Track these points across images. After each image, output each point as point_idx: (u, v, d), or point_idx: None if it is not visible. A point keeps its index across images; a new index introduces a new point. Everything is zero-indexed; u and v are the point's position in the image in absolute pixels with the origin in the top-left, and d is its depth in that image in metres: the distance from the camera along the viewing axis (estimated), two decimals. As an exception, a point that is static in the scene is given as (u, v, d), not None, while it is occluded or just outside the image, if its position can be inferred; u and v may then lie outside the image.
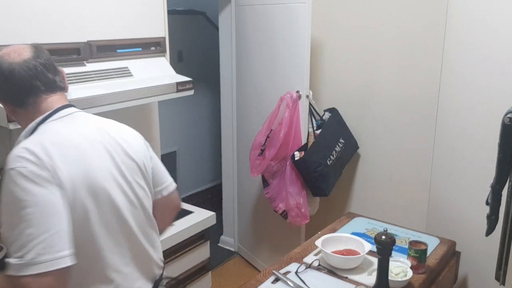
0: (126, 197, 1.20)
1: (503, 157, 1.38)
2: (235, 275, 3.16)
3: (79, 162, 1.11)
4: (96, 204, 1.12)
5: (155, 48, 2.07)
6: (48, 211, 1.02)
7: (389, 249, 1.50)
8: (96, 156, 1.15)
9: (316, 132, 2.62)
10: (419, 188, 2.55)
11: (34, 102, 1.17)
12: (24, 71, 1.14)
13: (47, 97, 1.18)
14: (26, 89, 1.16)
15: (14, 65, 1.13)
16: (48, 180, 1.04)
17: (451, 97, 2.26)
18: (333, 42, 2.77)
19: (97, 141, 1.18)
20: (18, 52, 1.16)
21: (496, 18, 1.90)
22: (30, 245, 0.99)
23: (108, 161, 1.17)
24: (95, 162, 1.14)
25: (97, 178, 1.13)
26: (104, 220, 1.14)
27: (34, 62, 1.16)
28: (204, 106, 4.43)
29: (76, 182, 1.08)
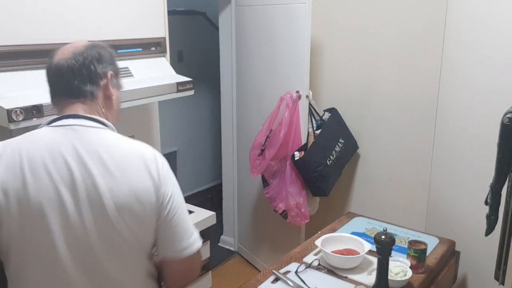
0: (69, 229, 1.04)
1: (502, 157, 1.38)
2: (235, 275, 3.17)
3: (22, 174, 1.03)
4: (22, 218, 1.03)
5: (156, 48, 2.07)
6: None
7: (389, 249, 1.50)
8: (44, 176, 1.04)
9: (316, 132, 2.62)
10: (419, 188, 2.55)
11: (57, 104, 1.17)
12: (53, 71, 1.15)
13: (68, 103, 1.14)
14: (52, 89, 1.17)
15: (50, 63, 1.15)
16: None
17: (451, 97, 2.26)
18: (333, 42, 2.78)
19: (62, 163, 1.05)
20: (67, 50, 1.15)
21: (496, 18, 1.91)
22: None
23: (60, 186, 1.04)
24: (37, 181, 1.03)
25: (32, 196, 1.02)
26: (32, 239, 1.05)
27: (64, 63, 1.12)
28: (204, 106, 4.43)
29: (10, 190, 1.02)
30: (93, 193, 1.05)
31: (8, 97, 1.49)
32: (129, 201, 1.07)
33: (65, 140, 1.07)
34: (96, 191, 1.05)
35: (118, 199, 1.06)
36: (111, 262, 1.09)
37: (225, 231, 3.58)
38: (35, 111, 1.47)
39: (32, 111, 1.47)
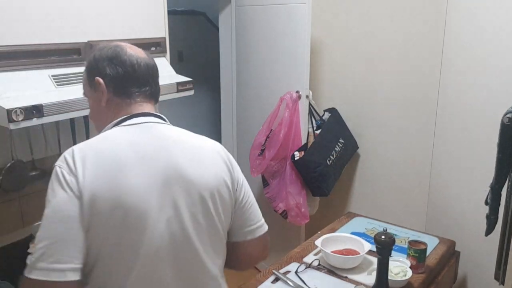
0: (169, 229, 1.05)
1: (502, 157, 1.38)
2: (235, 275, 3.15)
3: (113, 178, 1.00)
4: (123, 224, 1.00)
5: (156, 48, 2.07)
6: (59, 217, 0.97)
7: (389, 249, 1.50)
8: (138, 176, 1.02)
9: (316, 132, 2.62)
10: (419, 187, 2.55)
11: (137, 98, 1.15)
12: (147, 66, 1.16)
13: (145, 101, 1.17)
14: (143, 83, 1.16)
15: (140, 59, 1.15)
16: (71, 186, 0.98)
17: (451, 97, 2.26)
18: (333, 42, 2.78)
19: (150, 160, 1.05)
20: (138, 49, 1.18)
21: (496, 18, 1.91)
22: (36, 247, 0.96)
23: (153, 185, 1.03)
24: (133, 182, 1.01)
25: (129, 198, 1.00)
26: (132, 243, 1.02)
27: (154, 63, 1.19)
28: (204, 106, 4.43)
29: (100, 196, 0.98)
30: (186, 184, 1.07)
31: (8, 97, 1.49)
32: (217, 188, 1.12)
33: (145, 137, 1.09)
34: (188, 182, 1.08)
35: (208, 187, 1.10)
36: (205, 254, 1.12)
37: (225, 231, 3.57)
38: (35, 111, 1.47)
39: (32, 111, 1.47)
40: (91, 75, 1.15)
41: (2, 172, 1.80)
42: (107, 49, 1.15)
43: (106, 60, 1.13)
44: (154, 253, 1.03)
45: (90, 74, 1.16)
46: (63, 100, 1.56)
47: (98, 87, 1.14)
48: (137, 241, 1.02)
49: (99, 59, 1.14)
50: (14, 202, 1.91)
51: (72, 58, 1.75)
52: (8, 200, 1.89)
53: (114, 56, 1.13)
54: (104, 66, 1.13)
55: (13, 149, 1.84)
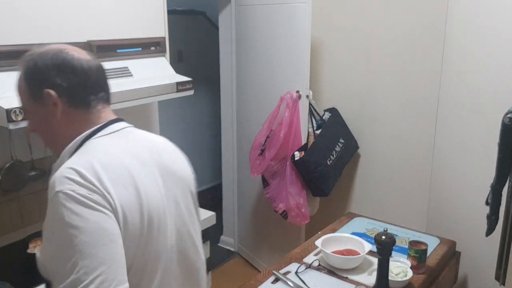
0: (174, 222, 1.09)
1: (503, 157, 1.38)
2: (235, 275, 3.17)
3: (131, 186, 0.99)
4: (149, 231, 1.01)
5: (155, 48, 2.07)
6: (104, 239, 0.90)
7: (389, 249, 1.50)
8: (147, 180, 1.03)
9: (316, 132, 2.62)
10: (419, 188, 2.55)
11: (97, 106, 1.06)
12: (98, 70, 1.07)
13: (104, 106, 1.08)
14: (99, 89, 1.07)
15: (90, 62, 1.05)
16: (101, 204, 0.92)
17: (451, 97, 2.26)
18: (333, 42, 2.78)
19: (149, 163, 1.06)
20: (79, 50, 1.07)
21: (496, 18, 1.90)
22: (87, 279, 0.87)
23: (159, 186, 1.06)
24: (145, 186, 1.02)
25: (149, 204, 1.01)
26: (155, 246, 1.03)
27: (100, 63, 1.09)
28: (204, 106, 4.43)
29: (127, 207, 0.96)
30: (178, 181, 1.12)
31: (7, 97, 1.48)
32: (193, 182, 1.19)
33: (134, 143, 1.09)
34: (179, 179, 1.12)
35: (191, 182, 1.17)
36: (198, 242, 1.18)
37: (225, 231, 3.58)
38: (35, 111, 1.47)
39: (31, 111, 1.47)
40: (37, 86, 1.02)
41: (1, 172, 1.80)
42: (51, 55, 1.02)
43: (53, 69, 1.01)
44: (170, 250, 1.08)
45: (34, 85, 1.02)
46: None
47: (47, 100, 1.01)
48: (159, 243, 1.04)
49: (44, 67, 1.01)
50: (13, 202, 1.91)
51: (71, 58, 1.74)
52: (8, 200, 1.89)
53: (61, 63, 1.01)
54: (53, 76, 1.00)
55: (12, 149, 1.84)
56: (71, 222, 0.89)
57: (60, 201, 0.90)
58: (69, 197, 0.90)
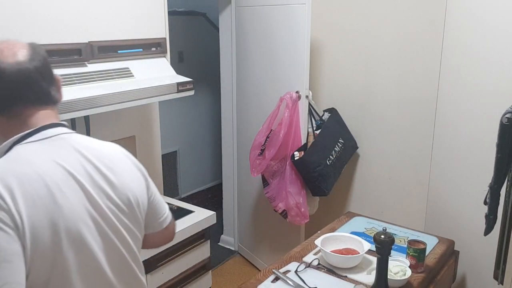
0: (103, 239, 1.04)
1: (501, 157, 1.39)
2: (235, 274, 3.17)
3: (46, 203, 0.94)
4: (66, 250, 0.96)
5: (156, 49, 2.08)
6: (2, 257, 0.87)
7: (388, 248, 1.51)
8: (69, 193, 0.98)
9: (315, 132, 2.63)
10: (418, 187, 2.56)
11: (19, 114, 1.00)
12: (15, 75, 0.97)
13: (36, 111, 1.02)
14: (13, 97, 0.99)
15: (4, 65, 0.97)
16: (4, 223, 0.88)
17: (450, 97, 2.27)
18: (333, 42, 2.78)
19: (75, 172, 1.00)
20: (12, 51, 0.99)
21: (495, 18, 1.91)
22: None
23: (82, 198, 1.00)
24: (66, 202, 0.96)
25: (66, 221, 0.96)
26: (76, 265, 0.98)
27: (29, 66, 0.99)
28: (204, 106, 4.44)
29: (39, 227, 0.92)
30: (109, 198, 1.04)
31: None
32: (136, 196, 1.11)
33: (64, 151, 1.02)
34: (109, 195, 1.05)
35: (127, 198, 1.08)
36: (134, 262, 1.13)
37: (225, 230, 3.59)
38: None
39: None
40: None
41: None
42: None
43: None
44: (96, 266, 1.03)
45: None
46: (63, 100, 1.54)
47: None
48: (83, 258, 1.00)
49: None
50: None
51: (73, 59, 1.75)
52: None
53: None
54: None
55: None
56: None
57: None
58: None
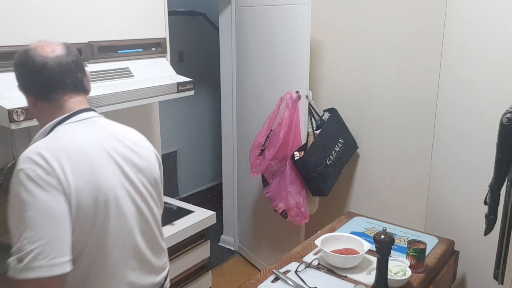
0: (135, 207, 1.21)
1: (501, 157, 1.39)
2: (235, 274, 3.18)
3: (89, 172, 1.10)
4: (105, 214, 1.12)
5: (156, 49, 2.08)
6: (49, 217, 1.02)
7: (388, 248, 1.51)
8: (107, 166, 1.15)
9: (315, 132, 2.63)
10: (418, 187, 2.56)
11: (59, 99, 1.18)
12: (57, 66, 1.16)
13: (72, 97, 1.20)
14: (56, 84, 1.17)
15: (48, 59, 1.15)
16: (54, 187, 1.04)
17: (450, 98, 2.27)
18: (333, 42, 2.78)
19: (111, 150, 1.18)
20: (51, 47, 1.17)
21: (495, 19, 1.91)
22: (28, 249, 0.99)
23: (118, 171, 1.17)
24: (105, 172, 1.14)
25: (106, 188, 1.12)
26: (111, 227, 1.14)
27: (67, 59, 1.18)
28: (204, 106, 4.44)
29: (83, 192, 1.08)
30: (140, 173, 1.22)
31: (9, 97, 1.49)
32: (158, 176, 1.29)
33: (98, 131, 1.20)
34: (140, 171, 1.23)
35: (153, 176, 1.27)
36: (158, 231, 1.30)
37: (225, 230, 3.59)
38: (36, 111, 1.48)
39: (33, 111, 1.48)
40: (17, 83, 1.21)
41: (3, 172, 1.81)
42: (18, 55, 1.18)
43: (17, 68, 1.18)
44: (129, 232, 1.19)
45: (16, 81, 1.21)
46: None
47: (23, 94, 1.21)
48: (117, 224, 1.15)
49: (14, 68, 1.20)
50: (15, 201, 1.92)
51: (73, 59, 1.75)
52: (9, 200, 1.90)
53: (21, 63, 1.17)
54: (18, 75, 1.19)
55: (14, 149, 1.85)
56: (24, 199, 1.02)
57: (19, 179, 1.04)
58: (27, 177, 1.03)
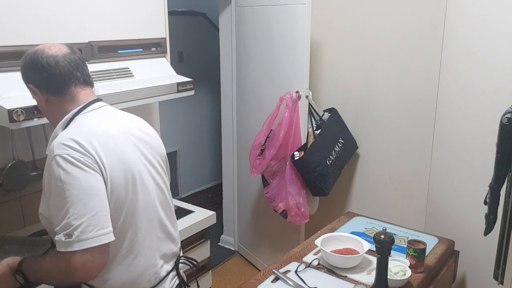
0: (154, 181, 1.34)
1: (501, 157, 1.39)
2: (235, 274, 3.18)
3: (116, 151, 1.23)
4: (133, 188, 1.26)
5: (156, 49, 2.08)
6: (90, 193, 1.14)
7: (388, 248, 1.51)
8: (127, 145, 1.28)
9: (315, 132, 2.63)
10: (418, 187, 2.56)
11: (71, 93, 1.28)
12: (68, 62, 1.26)
13: (82, 90, 1.30)
14: (68, 78, 1.27)
15: (58, 57, 1.25)
16: (90, 166, 1.16)
17: (450, 98, 2.27)
18: (333, 43, 2.79)
19: (126, 132, 1.31)
20: (57, 47, 1.28)
21: (494, 19, 1.91)
22: (75, 224, 1.12)
23: (136, 150, 1.30)
24: (127, 151, 1.27)
25: (131, 165, 1.26)
26: (140, 200, 1.28)
27: (74, 56, 1.29)
28: (204, 106, 4.44)
29: (114, 169, 1.21)
30: (150, 147, 1.36)
31: (9, 97, 1.49)
32: (163, 153, 1.43)
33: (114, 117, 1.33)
34: (151, 145, 1.37)
35: (163, 155, 1.43)
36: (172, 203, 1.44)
37: (225, 230, 3.59)
38: (36, 111, 1.48)
39: (33, 111, 1.48)
40: (25, 82, 1.30)
41: (3, 172, 1.81)
42: (28, 56, 1.27)
43: (29, 68, 1.26)
44: (152, 204, 1.33)
45: (24, 81, 1.30)
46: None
47: (34, 92, 1.29)
48: (144, 197, 1.29)
49: (24, 68, 1.28)
50: (15, 202, 1.92)
51: (73, 59, 1.75)
52: (9, 200, 1.90)
53: (34, 62, 1.25)
54: (30, 74, 1.27)
55: (14, 149, 1.85)
56: (65, 180, 1.13)
57: (57, 163, 1.14)
58: (65, 160, 1.14)
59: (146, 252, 1.31)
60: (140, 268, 1.29)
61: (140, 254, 1.29)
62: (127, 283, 1.27)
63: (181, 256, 1.49)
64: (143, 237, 1.30)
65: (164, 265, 1.38)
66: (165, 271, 1.38)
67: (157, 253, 1.35)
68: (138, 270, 1.29)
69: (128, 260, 1.27)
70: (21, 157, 1.87)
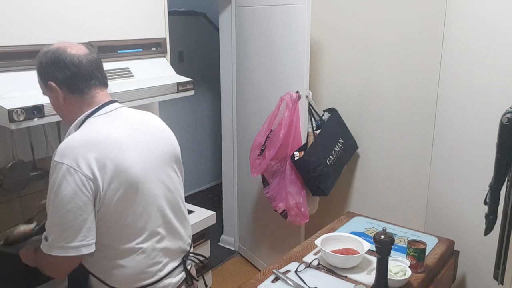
0: (162, 182, 1.36)
1: (501, 157, 1.39)
2: (235, 274, 3.18)
3: (117, 160, 1.24)
4: (135, 194, 1.28)
5: (156, 49, 2.08)
6: (70, 207, 1.18)
7: (388, 248, 1.51)
8: (132, 152, 1.28)
9: (315, 132, 2.63)
10: (418, 187, 2.56)
11: (91, 92, 1.31)
12: (90, 62, 1.30)
13: (100, 91, 1.33)
14: (90, 78, 1.30)
15: (81, 57, 1.28)
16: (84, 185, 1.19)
17: (450, 98, 2.27)
18: (333, 42, 2.79)
19: (135, 138, 1.32)
20: (78, 46, 1.31)
21: (494, 19, 1.91)
22: (51, 230, 1.20)
23: (142, 156, 1.31)
24: (131, 159, 1.27)
25: (134, 173, 1.27)
26: (144, 204, 1.30)
27: (94, 56, 1.33)
28: (204, 106, 4.44)
29: (110, 186, 1.23)
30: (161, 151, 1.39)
31: (9, 97, 1.49)
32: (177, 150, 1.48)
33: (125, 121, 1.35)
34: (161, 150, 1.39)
35: (177, 153, 1.48)
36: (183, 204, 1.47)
37: (225, 230, 3.59)
38: (36, 111, 1.48)
39: (33, 111, 1.48)
40: (44, 79, 1.31)
41: (3, 172, 1.81)
42: (50, 53, 1.28)
43: (52, 65, 1.27)
44: (158, 208, 1.35)
45: (43, 78, 1.31)
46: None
47: (53, 89, 1.30)
48: (148, 200, 1.31)
49: (46, 64, 1.29)
50: (15, 202, 1.92)
51: (73, 59, 1.75)
52: (9, 200, 1.90)
53: (57, 60, 1.27)
54: (52, 71, 1.28)
55: (14, 149, 1.85)
56: (60, 189, 1.18)
57: (63, 173, 1.19)
58: (67, 171, 1.18)
59: (150, 251, 1.33)
60: (144, 264, 1.32)
61: (144, 251, 1.32)
62: (131, 277, 1.31)
63: (190, 252, 1.51)
64: (145, 237, 1.32)
65: (170, 261, 1.40)
66: (170, 267, 1.40)
67: (162, 251, 1.37)
68: (143, 266, 1.32)
69: (133, 256, 1.30)
70: (21, 157, 1.87)
